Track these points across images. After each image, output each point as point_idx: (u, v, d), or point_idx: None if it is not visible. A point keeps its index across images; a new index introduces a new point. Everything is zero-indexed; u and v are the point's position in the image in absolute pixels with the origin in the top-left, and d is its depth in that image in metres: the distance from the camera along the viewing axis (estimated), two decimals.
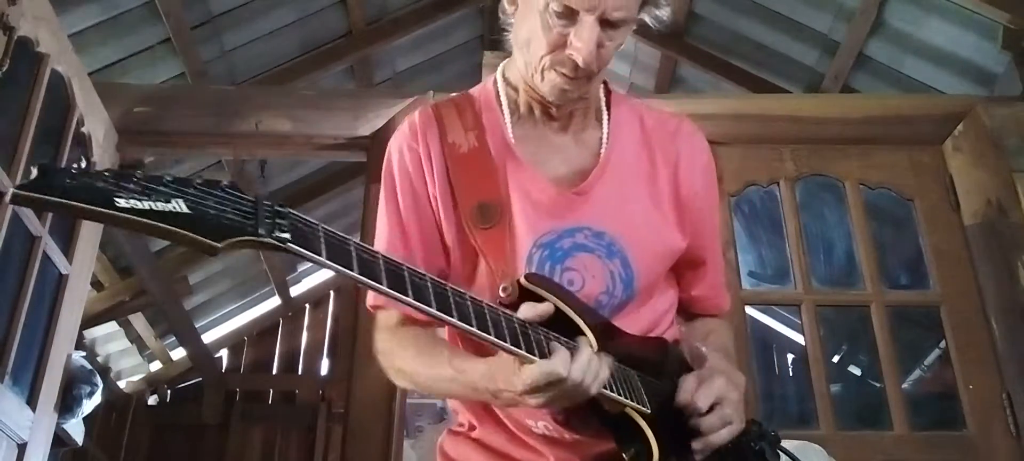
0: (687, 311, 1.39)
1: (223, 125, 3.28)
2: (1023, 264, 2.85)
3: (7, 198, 2.42)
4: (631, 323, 1.21)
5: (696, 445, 1.10)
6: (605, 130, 1.31)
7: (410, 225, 1.26)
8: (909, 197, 3.07)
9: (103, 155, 3.07)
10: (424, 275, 0.94)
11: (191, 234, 0.75)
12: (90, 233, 3.00)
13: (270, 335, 6.70)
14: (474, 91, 1.37)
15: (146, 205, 0.73)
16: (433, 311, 0.93)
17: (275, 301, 6.50)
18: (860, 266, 2.97)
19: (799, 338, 3.42)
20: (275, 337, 6.70)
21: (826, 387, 2.77)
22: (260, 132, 3.25)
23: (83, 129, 2.91)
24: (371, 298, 1.27)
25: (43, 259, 2.63)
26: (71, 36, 2.98)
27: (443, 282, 0.97)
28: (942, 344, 2.96)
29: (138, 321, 5.62)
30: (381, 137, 3.23)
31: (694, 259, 1.34)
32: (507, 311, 1.03)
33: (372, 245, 1.08)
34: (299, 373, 6.60)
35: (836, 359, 4.13)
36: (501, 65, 1.37)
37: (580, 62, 1.17)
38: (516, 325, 1.01)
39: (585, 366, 1.01)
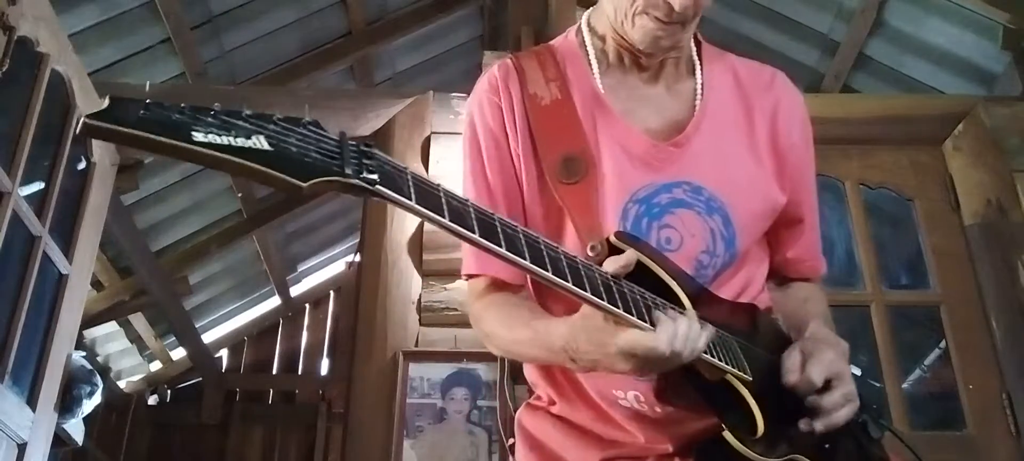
0: (781, 275, 1.30)
1: None
2: (1023, 264, 2.85)
3: (8, 199, 2.42)
4: (726, 287, 1.15)
5: (817, 425, 1.02)
6: (699, 81, 1.23)
7: (495, 182, 1.19)
8: (909, 197, 3.07)
9: (103, 155, 3.07)
10: (516, 227, 0.86)
11: (274, 172, 0.69)
12: (90, 233, 3.00)
13: (270, 335, 6.69)
14: (555, 43, 1.29)
15: (225, 140, 0.68)
16: (525, 263, 0.84)
17: (275, 301, 6.50)
18: (860, 266, 2.97)
19: None
20: (275, 337, 6.69)
21: None
22: None
23: None
24: (466, 265, 1.20)
25: (43, 259, 2.63)
26: (71, 36, 2.98)
27: (536, 234, 0.88)
28: (942, 344, 2.96)
29: (138, 321, 5.62)
30: (381, 137, 3.23)
31: (791, 217, 1.25)
32: (602, 269, 0.94)
33: (373, 245, 1.05)
34: (299, 373, 6.59)
35: None
36: (586, 14, 1.29)
37: (676, 6, 1.10)
38: (611, 283, 0.92)
39: (685, 336, 0.93)
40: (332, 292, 6.79)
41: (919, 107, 3.27)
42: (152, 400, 6.23)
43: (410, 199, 0.77)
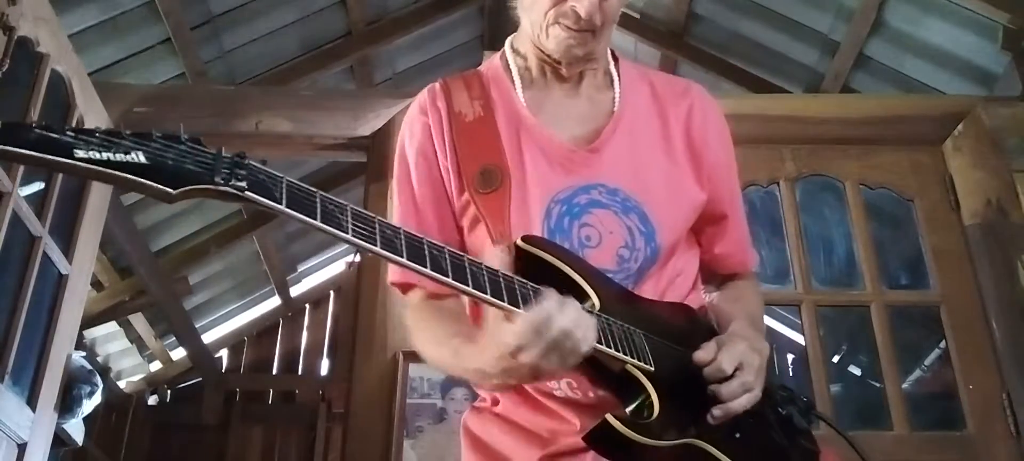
0: (714, 272, 1.37)
1: (223, 125, 3.28)
2: (1023, 264, 2.85)
3: (8, 199, 2.43)
4: (652, 284, 1.21)
5: (715, 411, 1.07)
6: (616, 90, 1.32)
7: (421, 193, 1.27)
8: (909, 197, 3.07)
9: None
10: (397, 229, 0.95)
11: (147, 181, 0.79)
12: (90, 233, 3.00)
13: (270, 335, 6.70)
14: (482, 67, 1.39)
15: (105, 156, 0.77)
16: (402, 260, 0.93)
17: (275, 301, 6.50)
18: (860, 266, 2.97)
19: (799, 338, 3.43)
20: (275, 337, 6.70)
21: (826, 387, 2.77)
22: (260, 132, 3.25)
23: None
24: (390, 273, 1.29)
25: (43, 259, 2.63)
26: (71, 36, 2.98)
27: (420, 235, 0.97)
28: (942, 344, 2.96)
29: (138, 321, 5.62)
30: (381, 137, 3.23)
31: (715, 214, 1.33)
32: (491, 266, 1.01)
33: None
34: (299, 373, 6.59)
35: (836, 359, 4.13)
36: (509, 38, 1.39)
37: (582, 13, 1.19)
38: (501, 280, 1.00)
39: (575, 316, 0.98)
40: (332, 292, 6.79)
41: (919, 107, 3.27)
42: (152, 400, 6.24)
43: (281, 203, 0.86)
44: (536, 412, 1.20)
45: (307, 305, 6.78)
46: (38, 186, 2.68)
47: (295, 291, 6.60)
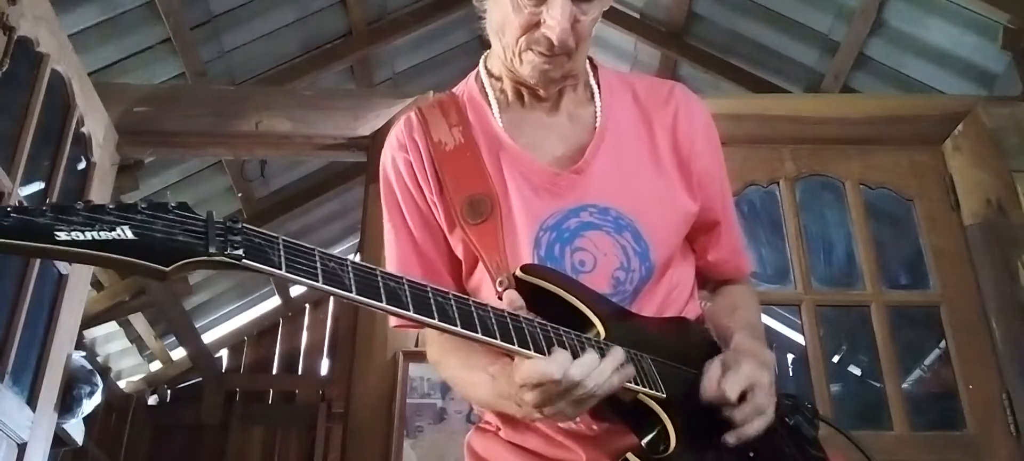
0: (708, 278, 1.34)
1: (223, 125, 3.28)
2: (1023, 264, 2.85)
3: (8, 199, 2.42)
4: (649, 301, 1.18)
5: (729, 439, 1.04)
6: (598, 103, 1.27)
7: (420, 235, 1.24)
8: (909, 197, 3.07)
9: (103, 155, 3.07)
10: (400, 278, 0.91)
11: (136, 260, 0.73)
12: None
13: (270, 335, 6.69)
14: (457, 89, 1.34)
15: (89, 236, 0.72)
16: (409, 314, 0.89)
17: (275, 301, 6.50)
18: (860, 266, 2.97)
19: (799, 338, 3.42)
20: (275, 337, 6.69)
21: (826, 387, 2.77)
22: (260, 132, 3.25)
23: (83, 129, 2.91)
24: (392, 320, 1.22)
25: (43, 260, 2.63)
26: (71, 36, 2.98)
27: (423, 282, 0.93)
28: (942, 344, 2.96)
29: (138, 321, 5.62)
30: (381, 137, 3.23)
31: (707, 221, 1.29)
32: (497, 307, 0.98)
33: (373, 245, 1.07)
34: (299, 373, 6.59)
35: (836, 359, 4.13)
36: (482, 58, 1.34)
37: (554, 40, 1.14)
38: (508, 321, 0.96)
39: (588, 368, 0.95)
40: None
41: (919, 107, 3.27)
42: (152, 400, 6.23)
43: (280, 268, 0.81)
44: (541, 440, 1.17)
45: (307, 305, 6.78)
46: (38, 186, 2.68)
47: (295, 291, 6.59)
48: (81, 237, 0.71)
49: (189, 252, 0.76)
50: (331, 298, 6.75)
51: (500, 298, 1.07)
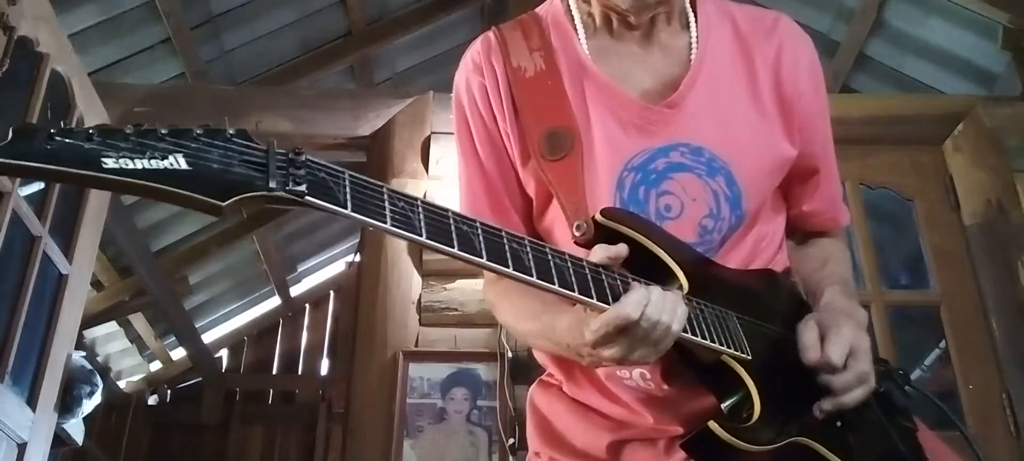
0: (800, 230, 1.24)
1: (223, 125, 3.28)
2: (1023, 264, 2.85)
3: (8, 199, 2.42)
4: (736, 252, 1.09)
5: (826, 406, 0.96)
6: (693, 34, 1.15)
7: (489, 165, 1.15)
8: (909, 197, 3.07)
9: None
10: (473, 221, 0.84)
11: (190, 194, 0.66)
12: (90, 232, 2.99)
13: (270, 335, 6.69)
14: (541, 9, 1.22)
15: (139, 164, 0.65)
16: (482, 261, 0.82)
17: (275, 301, 6.50)
18: (860, 266, 2.97)
19: None
20: (275, 337, 6.69)
21: None
22: (260, 132, 3.25)
23: None
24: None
25: (43, 259, 2.63)
26: (71, 36, 2.98)
27: (497, 227, 0.86)
28: (942, 344, 2.96)
29: (138, 321, 5.62)
30: (381, 137, 3.24)
31: (805, 169, 1.18)
32: (576, 257, 0.90)
33: (374, 245, 1.03)
34: (299, 373, 6.59)
35: None
36: None
37: None
38: (587, 271, 0.89)
39: (659, 306, 0.88)
40: (332, 292, 6.79)
41: (919, 107, 3.27)
42: (152, 400, 6.23)
43: (346, 207, 0.75)
44: (606, 399, 1.10)
45: (307, 305, 6.78)
46: (38, 186, 2.68)
47: (295, 291, 6.59)
48: (131, 165, 0.64)
49: (247, 186, 0.69)
50: (331, 298, 6.79)
51: (577, 243, 0.99)
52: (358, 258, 4.02)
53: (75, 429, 3.02)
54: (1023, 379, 2.70)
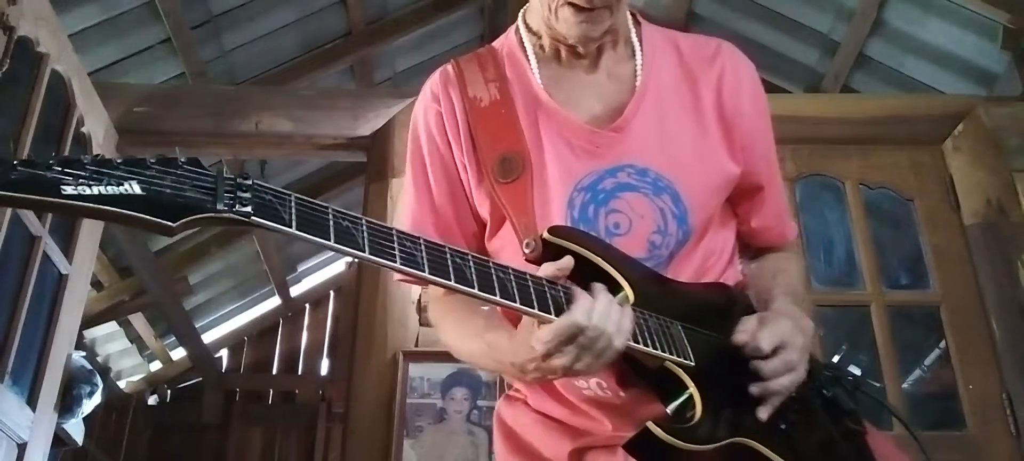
0: (750, 245, 1.29)
1: (223, 125, 3.28)
2: (1023, 264, 2.85)
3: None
4: (685, 266, 1.14)
5: (754, 389, 1.01)
6: (639, 60, 1.22)
7: (438, 189, 1.20)
8: (909, 197, 3.07)
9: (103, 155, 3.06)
10: (416, 239, 0.89)
11: (143, 216, 0.72)
12: (90, 233, 3.00)
13: (270, 335, 6.69)
14: (497, 43, 1.29)
15: (95, 190, 0.70)
16: (424, 274, 0.87)
17: (275, 301, 6.50)
18: (860, 266, 2.97)
19: None
20: (275, 337, 6.69)
21: None
22: (260, 132, 3.26)
23: (83, 129, 2.91)
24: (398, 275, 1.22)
25: (43, 259, 2.63)
26: (71, 36, 2.98)
27: (439, 243, 0.91)
28: (942, 344, 2.96)
29: (138, 321, 5.62)
30: (381, 137, 3.23)
31: (750, 186, 1.24)
32: (519, 270, 0.94)
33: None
34: (299, 373, 6.59)
35: (836, 359, 4.13)
36: (521, 12, 1.29)
37: None
38: (530, 283, 0.93)
39: (604, 313, 0.93)
40: (332, 292, 6.79)
41: (919, 107, 3.27)
42: (152, 400, 6.23)
43: (290, 226, 0.80)
44: (567, 410, 1.15)
45: (307, 305, 6.78)
46: None
47: (295, 291, 6.59)
48: (87, 191, 0.70)
49: (197, 208, 0.75)
50: (331, 298, 6.79)
51: (527, 260, 1.03)
52: None
53: (75, 429, 3.02)
54: (1023, 379, 2.70)
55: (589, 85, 1.21)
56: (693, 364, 1.01)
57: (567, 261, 0.98)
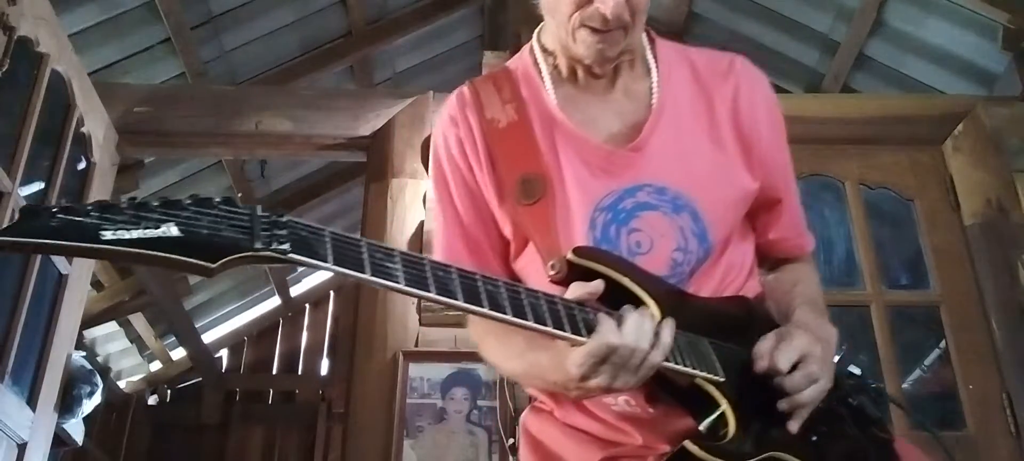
0: (768, 257, 1.30)
1: (223, 125, 3.28)
2: (1023, 264, 2.85)
3: (8, 199, 2.43)
4: (706, 281, 1.15)
5: (782, 405, 1.02)
6: (654, 79, 1.22)
7: (467, 215, 1.21)
8: (909, 197, 3.07)
9: (103, 155, 3.07)
10: (448, 267, 0.90)
11: (182, 258, 0.73)
12: None
13: (270, 335, 6.69)
14: (511, 63, 1.30)
15: (135, 235, 0.71)
16: (458, 303, 0.88)
17: (275, 301, 6.50)
18: (860, 266, 2.97)
19: None
20: (275, 337, 6.69)
21: None
22: (260, 132, 3.26)
23: (83, 129, 2.91)
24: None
25: (43, 259, 2.63)
26: (71, 36, 2.98)
27: (472, 271, 0.92)
28: (942, 344, 2.96)
29: (138, 321, 5.62)
30: (381, 137, 3.23)
31: (768, 199, 1.25)
32: (549, 294, 0.95)
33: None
34: (299, 373, 6.59)
35: (836, 359, 4.12)
36: (536, 31, 1.29)
37: (608, 14, 1.10)
38: (560, 308, 0.94)
39: (636, 329, 0.94)
40: (332, 292, 6.79)
41: (919, 107, 3.27)
42: (152, 400, 6.24)
43: (327, 261, 0.81)
44: (595, 422, 1.16)
45: (307, 305, 6.78)
46: (38, 186, 2.68)
47: (295, 291, 6.60)
48: (127, 235, 0.71)
49: (235, 248, 0.76)
50: (331, 298, 6.79)
51: (552, 281, 1.04)
52: None
53: (75, 429, 3.02)
54: (1023, 379, 2.70)
55: (606, 104, 1.21)
56: (723, 380, 1.01)
57: (597, 284, 1.00)
